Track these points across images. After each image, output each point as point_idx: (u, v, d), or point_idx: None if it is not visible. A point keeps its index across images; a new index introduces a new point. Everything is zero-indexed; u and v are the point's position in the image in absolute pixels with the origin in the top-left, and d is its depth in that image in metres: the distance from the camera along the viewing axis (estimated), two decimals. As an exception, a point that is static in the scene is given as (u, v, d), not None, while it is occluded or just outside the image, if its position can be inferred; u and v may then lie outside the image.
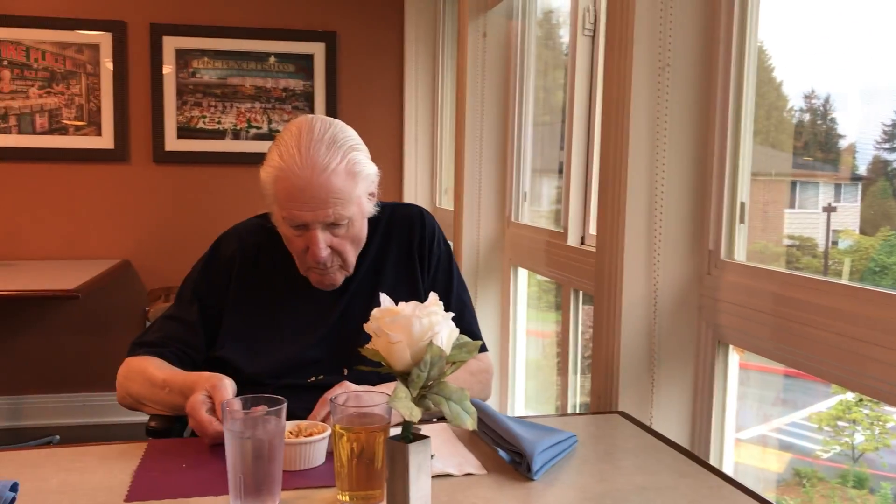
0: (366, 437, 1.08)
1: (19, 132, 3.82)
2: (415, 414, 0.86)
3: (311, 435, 1.26)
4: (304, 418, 1.35)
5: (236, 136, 4.03)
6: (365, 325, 0.93)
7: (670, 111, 1.67)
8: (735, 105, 1.64)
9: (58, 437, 3.71)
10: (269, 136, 4.03)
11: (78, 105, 3.87)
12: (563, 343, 2.42)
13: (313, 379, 1.54)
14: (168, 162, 3.97)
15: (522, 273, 2.90)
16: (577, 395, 2.44)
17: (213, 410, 1.30)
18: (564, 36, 2.91)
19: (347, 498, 1.10)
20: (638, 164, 1.67)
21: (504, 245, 2.94)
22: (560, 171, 2.78)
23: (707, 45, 1.66)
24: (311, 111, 4.06)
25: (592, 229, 2.33)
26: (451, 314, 0.92)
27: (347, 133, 1.49)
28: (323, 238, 1.46)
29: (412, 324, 0.86)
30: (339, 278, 1.56)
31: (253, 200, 3.94)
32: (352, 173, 1.45)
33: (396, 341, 0.86)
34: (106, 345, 3.99)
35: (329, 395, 1.37)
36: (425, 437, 0.94)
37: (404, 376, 0.89)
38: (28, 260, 3.86)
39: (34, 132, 3.84)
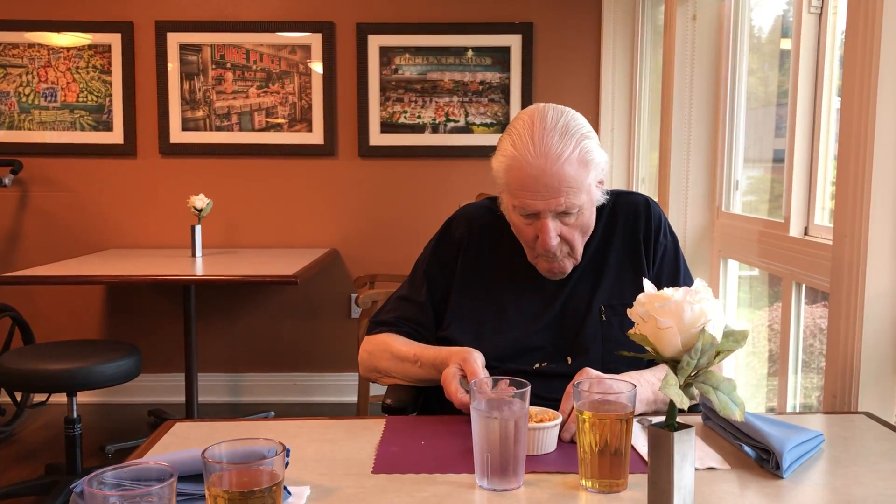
0: (611, 424, 1.08)
1: (240, 129, 4.13)
2: (685, 402, 0.85)
3: (541, 421, 1.27)
4: (532, 404, 1.36)
5: (435, 129, 4.14)
6: (629, 310, 0.93)
7: (925, 90, 1.53)
8: None
9: (273, 412, 3.99)
10: (467, 129, 4.11)
11: (291, 103, 4.13)
12: (782, 340, 2.30)
13: (538, 366, 1.55)
14: (372, 156, 4.15)
15: (732, 265, 2.78)
16: (798, 396, 2.31)
17: (464, 379, 1.40)
18: (755, 19, 2.76)
19: (591, 484, 1.11)
20: (885, 150, 1.55)
21: (713, 235, 2.83)
22: (777, 160, 2.64)
23: (969, 16, 1.51)
24: (508, 104, 4.10)
25: (817, 219, 2.20)
26: (720, 301, 0.90)
27: (579, 121, 1.49)
28: (553, 227, 1.46)
29: (684, 310, 0.85)
30: (568, 266, 1.56)
31: (452, 192, 4.06)
32: (584, 161, 1.44)
33: (666, 327, 0.85)
34: (315, 329, 4.24)
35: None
36: (689, 426, 0.92)
37: (673, 363, 0.87)
38: (245, 248, 4.17)
39: (253, 129, 4.14)
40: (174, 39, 4.08)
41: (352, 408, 4.00)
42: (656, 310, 0.86)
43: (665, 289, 0.90)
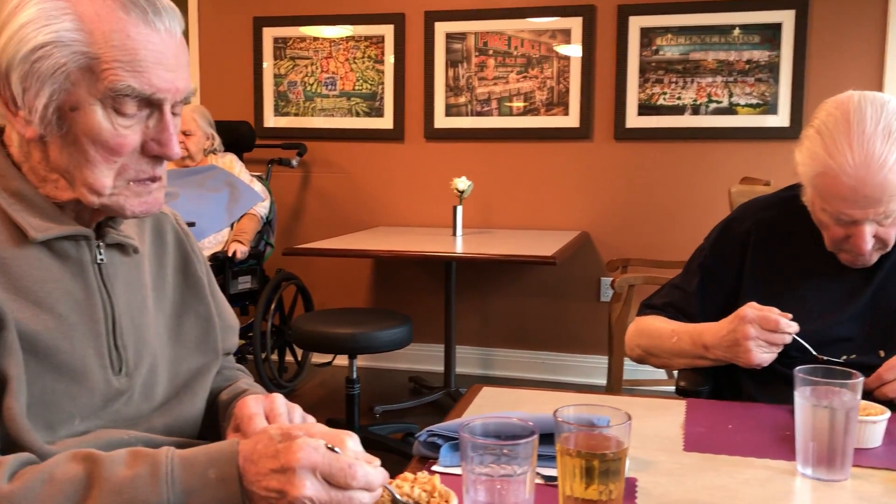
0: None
1: (499, 114, 4.28)
2: None
3: (868, 415, 1.23)
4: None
5: (695, 111, 4.03)
6: None
7: None
8: None
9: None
10: (730, 110, 3.96)
11: (549, 87, 4.20)
12: None
13: (845, 357, 1.50)
14: (628, 139, 4.13)
15: None
16: None
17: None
18: None
19: (930, 483, 1.06)
20: None
21: None
22: None
23: None
24: (776, 83, 3.89)
25: None
26: None
27: None
28: (869, 231, 1.41)
29: None
30: (875, 257, 1.49)
31: (712, 176, 3.95)
32: None
33: None
34: (564, 309, 4.31)
35: None
36: None
37: None
38: (499, 228, 4.31)
39: (511, 114, 4.27)
40: (441, 28, 4.29)
41: (599, 390, 4.02)
42: None
43: None
